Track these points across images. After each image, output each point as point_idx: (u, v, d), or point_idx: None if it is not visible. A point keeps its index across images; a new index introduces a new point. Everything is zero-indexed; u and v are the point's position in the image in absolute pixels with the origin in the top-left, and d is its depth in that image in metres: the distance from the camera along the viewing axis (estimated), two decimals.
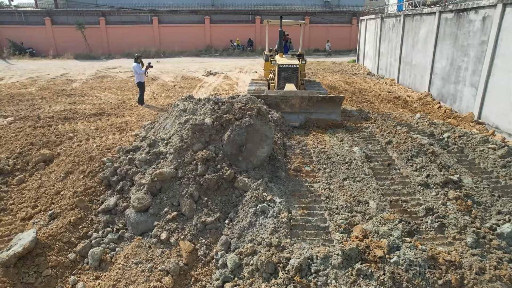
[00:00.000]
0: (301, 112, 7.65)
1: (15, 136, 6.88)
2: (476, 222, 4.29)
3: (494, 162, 5.84)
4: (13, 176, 5.81)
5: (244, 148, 5.23)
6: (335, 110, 7.65)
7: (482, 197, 4.89)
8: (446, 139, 6.75)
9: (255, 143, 5.27)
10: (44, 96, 11.07)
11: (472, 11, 8.19)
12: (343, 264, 3.57)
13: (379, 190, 5.01)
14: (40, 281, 3.91)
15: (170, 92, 12.03)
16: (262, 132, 5.31)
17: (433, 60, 10.12)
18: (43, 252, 4.14)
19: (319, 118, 7.59)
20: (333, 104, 7.61)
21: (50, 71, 17.82)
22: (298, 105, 7.59)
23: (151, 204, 4.62)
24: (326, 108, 7.60)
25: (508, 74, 6.94)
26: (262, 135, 5.31)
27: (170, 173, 4.82)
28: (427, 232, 4.25)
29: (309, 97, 7.54)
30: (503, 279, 3.35)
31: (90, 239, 4.43)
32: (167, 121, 5.88)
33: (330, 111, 7.63)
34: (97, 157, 5.64)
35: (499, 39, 7.16)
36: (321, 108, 7.60)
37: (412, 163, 5.65)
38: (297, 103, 7.57)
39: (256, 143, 5.28)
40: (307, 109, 7.63)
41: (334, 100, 7.59)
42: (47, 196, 5.16)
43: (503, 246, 3.89)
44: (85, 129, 7.39)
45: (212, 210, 4.65)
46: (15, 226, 4.75)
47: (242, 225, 4.40)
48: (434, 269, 3.52)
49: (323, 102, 7.56)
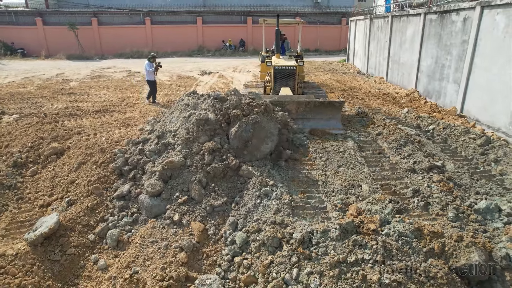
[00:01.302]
0: (298, 118, 7.05)
1: (25, 132, 7.17)
2: (457, 201, 4.81)
3: (474, 150, 6.41)
4: (27, 168, 6.12)
5: (250, 144, 5.59)
6: (334, 116, 7.11)
7: (463, 180, 5.42)
8: (431, 131, 7.30)
9: (260, 139, 5.61)
10: (44, 95, 11.29)
11: (454, 12, 8.79)
12: (341, 237, 4.02)
13: (371, 176, 5.50)
14: (65, 258, 4.27)
15: (168, 90, 12.37)
16: (267, 129, 5.66)
17: (419, 58, 10.72)
18: (66, 234, 4.50)
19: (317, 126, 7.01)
20: (332, 110, 7.06)
21: (45, 71, 17.91)
22: (295, 110, 6.99)
23: (163, 190, 5.01)
24: (325, 114, 7.07)
25: (486, 71, 7.53)
26: (267, 131, 5.65)
27: (179, 161, 5.22)
28: (414, 210, 4.75)
29: (306, 102, 6.96)
30: (477, 245, 3.85)
31: (107, 222, 4.81)
32: (173, 114, 6.27)
33: (329, 117, 7.09)
34: (108, 148, 5.99)
35: (478, 39, 7.76)
36: (319, 114, 7.08)
37: (401, 152, 6.17)
38: (293, 108, 6.97)
39: (261, 139, 5.62)
40: (304, 114, 7.03)
41: (333, 105, 7.06)
42: (62, 185, 5.50)
43: (479, 220, 4.42)
44: (91, 125, 7.72)
45: (219, 195, 5.06)
46: (34, 212, 5.09)
47: (248, 207, 4.83)
48: (420, 239, 4.01)
49: (322, 107, 7.01)
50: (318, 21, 30.38)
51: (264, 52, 10.88)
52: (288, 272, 3.87)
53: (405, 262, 3.73)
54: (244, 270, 4.04)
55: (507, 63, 6.84)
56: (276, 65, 8.23)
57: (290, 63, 8.42)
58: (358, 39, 18.09)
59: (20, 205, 5.28)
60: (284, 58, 9.25)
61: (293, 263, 3.92)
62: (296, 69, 8.28)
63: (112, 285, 3.95)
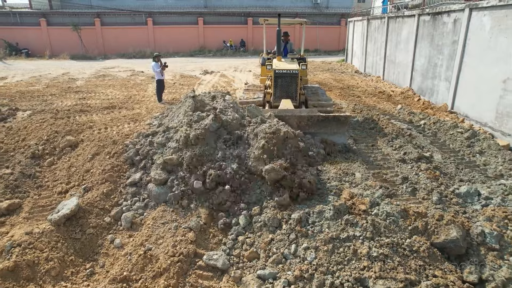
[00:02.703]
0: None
1: (40, 126, 7.62)
2: (441, 187, 5.26)
3: (461, 143, 6.85)
4: (43, 159, 6.57)
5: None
6: (339, 130, 6.57)
7: (448, 169, 5.87)
8: (422, 125, 7.75)
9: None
10: (52, 93, 11.74)
11: (445, 14, 9.24)
12: (334, 216, 4.47)
13: (364, 165, 5.95)
14: (85, 237, 4.72)
15: (172, 89, 12.81)
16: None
17: (414, 58, 11.17)
18: (84, 216, 4.95)
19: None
20: (337, 124, 6.53)
21: (51, 71, 18.37)
22: (296, 125, 6.45)
23: (168, 179, 5.43)
24: (328, 128, 6.55)
25: (474, 70, 7.98)
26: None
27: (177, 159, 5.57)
28: (402, 195, 5.19)
29: (308, 116, 6.48)
30: (456, 223, 4.29)
31: (121, 206, 5.25)
32: (180, 110, 6.71)
33: (334, 132, 6.57)
34: (120, 141, 6.44)
35: (467, 39, 8.20)
36: (323, 128, 6.54)
37: (392, 144, 6.62)
38: (295, 123, 6.45)
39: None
40: (306, 129, 6.52)
41: (338, 119, 6.49)
42: (78, 174, 5.95)
43: (460, 202, 4.86)
44: (101, 120, 8.17)
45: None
46: (53, 198, 5.53)
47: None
48: (406, 218, 4.45)
49: (325, 122, 6.51)
50: (318, 22, 30.84)
51: (265, 53, 10.21)
52: (287, 248, 4.32)
53: (391, 238, 4.18)
54: (247, 247, 4.49)
55: (493, 62, 7.29)
56: (277, 69, 7.55)
57: (292, 66, 7.71)
58: (356, 40, 18.54)
59: (40, 192, 5.72)
60: (286, 61, 8.51)
61: (291, 240, 4.37)
62: (298, 73, 7.54)
63: (128, 260, 4.38)
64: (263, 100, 8.20)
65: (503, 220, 4.40)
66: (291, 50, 10.12)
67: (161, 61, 10.52)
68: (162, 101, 10.39)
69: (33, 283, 3.95)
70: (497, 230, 4.27)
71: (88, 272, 4.29)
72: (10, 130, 7.56)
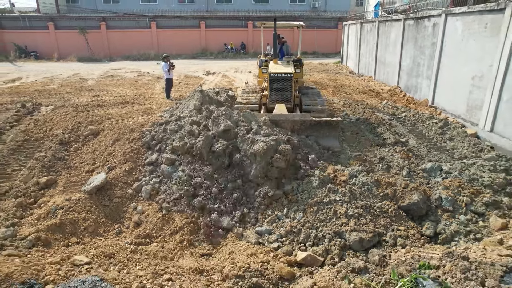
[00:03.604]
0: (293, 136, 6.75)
1: (64, 118, 8.59)
2: (412, 165, 6.22)
3: (435, 131, 7.82)
4: (70, 146, 7.53)
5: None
6: (331, 133, 6.99)
7: (421, 152, 6.84)
8: (403, 117, 8.72)
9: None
10: (68, 91, 12.73)
11: (426, 18, 10.24)
12: (319, 186, 5.43)
13: (348, 149, 6.91)
14: (112, 205, 5.68)
15: (178, 87, 13.80)
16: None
17: (401, 59, 12.17)
18: (111, 188, 5.91)
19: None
20: (329, 128, 6.95)
21: (61, 72, 19.37)
22: (290, 129, 6.91)
23: (175, 160, 6.36)
24: (321, 132, 6.96)
25: (450, 69, 8.96)
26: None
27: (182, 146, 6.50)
28: (378, 172, 6.15)
29: (301, 121, 6.89)
30: (418, 190, 5.25)
31: (141, 181, 6.20)
32: (189, 102, 7.69)
33: (326, 135, 6.97)
34: (137, 129, 7.42)
35: (444, 41, 9.19)
36: (315, 131, 6.95)
37: (374, 132, 7.58)
38: (288, 126, 6.89)
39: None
40: (299, 132, 6.96)
41: (330, 124, 6.96)
42: (102, 156, 6.92)
43: (425, 176, 5.83)
44: (117, 113, 9.15)
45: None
46: (82, 176, 6.49)
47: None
48: (378, 187, 5.42)
49: (318, 126, 6.92)
50: (316, 25, 31.90)
51: (262, 56, 10.44)
52: (280, 211, 5.28)
53: (365, 201, 5.14)
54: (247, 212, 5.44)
55: (464, 62, 8.27)
56: (272, 72, 7.74)
57: (286, 69, 7.90)
58: (350, 42, 19.56)
59: (70, 172, 6.68)
60: (282, 64, 8.71)
61: (284, 204, 5.33)
62: (293, 76, 7.75)
63: (150, 222, 5.34)
64: (259, 102, 8.44)
65: (457, 188, 5.38)
66: (287, 52, 10.27)
67: (170, 61, 11.48)
68: (170, 97, 11.37)
69: (75, 236, 4.90)
70: (451, 196, 5.24)
71: (117, 231, 5.25)
72: (38, 122, 8.55)
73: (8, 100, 10.84)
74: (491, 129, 7.26)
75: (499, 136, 7.02)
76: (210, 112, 7.00)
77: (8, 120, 8.63)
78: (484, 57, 7.48)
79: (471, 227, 4.89)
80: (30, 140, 7.77)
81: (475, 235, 4.78)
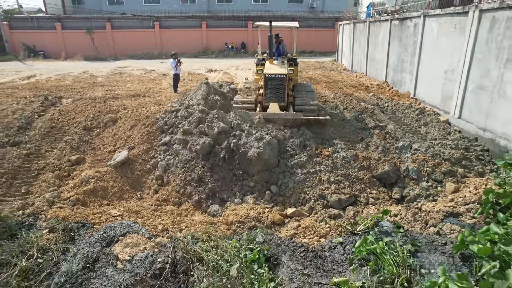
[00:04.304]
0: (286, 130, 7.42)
1: (84, 108, 9.70)
2: (387, 144, 7.30)
3: (412, 118, 8.91)
4: (92, 131, 8.62)
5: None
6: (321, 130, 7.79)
7: (397, 134, 7.93)
8: (386, 107, 9.81)
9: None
10: (82, 87, 13.83)
11: (409, 19, 11.32)
12: (307, 160, 6.51)
13: (334, 133, 8.00)
14: (133, 177, 6.77)
15: (183, 83, 14.89)
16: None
17: (388, 56, 13.25)
18: (132, 163, 7.01)
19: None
20: (318, 125, 7.73)
21: (70, 70, 20.47)
22: (283, 125, 7.65)
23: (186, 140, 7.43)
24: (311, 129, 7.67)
25: (428, 64, 10.05)
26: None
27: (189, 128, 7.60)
28: (358, 149, 7.23)
29: (292, 119, 7.61)
30: (390, 162, 6.34)
31: (157, 158, 7.29)
32: (197, 93, 8.78)
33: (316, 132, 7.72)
34: (151, 115, 8.51)
35: (423, 39, 10.27)
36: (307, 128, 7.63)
37: (358, 118, 8.67)
38: (281, 124, 7.65)
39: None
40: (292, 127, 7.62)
41: (320, 122, 7.71)
42: (122, 139, 8.01)
43: (397, 152, 6.91)
44: (132, 104, 10.25)
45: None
46: (106, 155, 7.58)
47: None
48: (356, 160, 6.50)
49: (308, 124, 7.66)
50: (313, 25, 33.01)
51: (260, 54, 10.89)
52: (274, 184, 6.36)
53: (345, 171, 6.23)
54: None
55: (439, 58, 9.36)
56: (267, 73, 8.20)
57: (280, 70, 8.37)
58: (345, 41, 20.65)
59: (95, 152, 7.77)
60: (277, 63, 9.12)
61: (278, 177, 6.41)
62: (286, 77, 8.22)
63: (166, 189, 6.43)
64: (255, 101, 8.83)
65: (422, 161, 6.47)
66: (283, 51, 10.61)
67: (178, 58, 12.60)
68: (178, 91, 12.48)
69: (105, 200, 6.00)
70: (417, 167, 6.33)
71: (139, 196, 6.34)
72: (62, 112, 9.64)
73: (30, 94, 11.94)
74: (459, 116, 8.34)
75: (465, 122, 8.11)
76: (215, 101, 8.11)
77: (35, 110, 9.73)
78: (454, 53, 8.56)
79: (430, 191, 5.97)
80: (56, 127, 8.87)
81: (433, 197, 5.86)
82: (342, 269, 3.82)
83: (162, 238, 4.47)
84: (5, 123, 8.81)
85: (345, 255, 4.01)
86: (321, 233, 4.59)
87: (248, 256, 3.80)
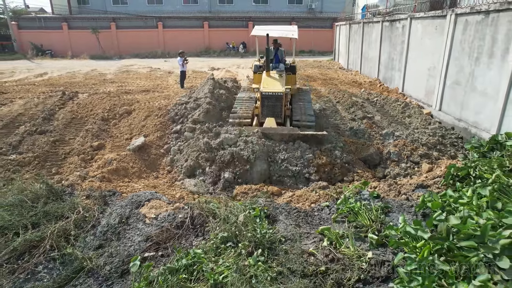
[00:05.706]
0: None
1: (101, 101, 10.63)
2: (373, 132, 8.25)
3: (398, 111, 9.86)
4: (109, 122, 9.56)
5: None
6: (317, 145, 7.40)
7: (382, 124, 8.87)
8: (375, 101, 10.76)
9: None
10: (94, 83, 14.77)
11: (397, 21, 12.27)
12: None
13: (327, 123, 8.94)
14: (150, 159, 7.71)
15: (188, 80, 15.82)
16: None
17: (380, 54, 14.20)
18: (148, 148, 7.95)
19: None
20: (315, 141, 7.45)
21: (79, 68, 21.40)
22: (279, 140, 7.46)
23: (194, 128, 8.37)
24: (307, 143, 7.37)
25: (414, 62, 11.00)
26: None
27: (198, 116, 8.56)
28: (348, 137, 8.18)
29: (289, 134, 7.46)
30: (373, 146, 7.27)
31: (169, 144, 8.23)
32: (204, 87, 9.72)
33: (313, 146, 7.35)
34: (163, 107, 9.45)
35: (410, 39, 11.22)
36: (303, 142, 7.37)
37: (348, 111, 9.62)
38: (277, 139, 7.45)
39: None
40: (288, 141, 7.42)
41: (316, 137, 7.42)
42: (137, 128, 8.95)
43: (381, 138, 7.85)
44: (143, 98, 11.19)
45: None
46: (123, 142, 8.51)
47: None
48: (344, 145, 7.44)
49: (305, 139, 7.41)
50: (312, 26, 33.95)
51: (257, 60, 10.41)
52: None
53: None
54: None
55: (423, 56, 10.30)
56: (264, 91, 7.98)
57: (277, 88, 8.08)
58: (341, 41, 21.60)
59: (113, 139, 8.71)
60: (275, 77, 8.69)
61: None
62: (283, 95, 7.99)
63: (179, 170, 7.37)
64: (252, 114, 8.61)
65: (402, 146, 7.41)
66: (282, 57, 10.02)
67: (185, 56, 13.55)
68: (184, 87, 13.43)
69: (127, 178, 6.93)
70: (397, 151, 7.27)
71: (155, 175, 7.28)
72: (80, 105, 10.59)
73: (47, 90, 12.87)
74: (439, 108, 9.29)
75: (444, 113, 9.06)
76: (220, 95, 9.05)
77: (55, 104, 10.67)
78: (435, 52, 9.51)
79: (409, 171, 6.91)
80: (76, 118, 9.81)
81: (410, 176, 6.80)
82: (327, 224, 4.76)
83: (179, 204, 5.42)
84: (30, 115, 9.75)
85: (330, 214, 4.95)
86: (312, 200, 5.53)
87: (251, 213, 4.74)
